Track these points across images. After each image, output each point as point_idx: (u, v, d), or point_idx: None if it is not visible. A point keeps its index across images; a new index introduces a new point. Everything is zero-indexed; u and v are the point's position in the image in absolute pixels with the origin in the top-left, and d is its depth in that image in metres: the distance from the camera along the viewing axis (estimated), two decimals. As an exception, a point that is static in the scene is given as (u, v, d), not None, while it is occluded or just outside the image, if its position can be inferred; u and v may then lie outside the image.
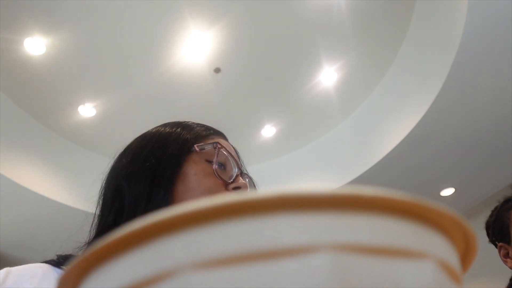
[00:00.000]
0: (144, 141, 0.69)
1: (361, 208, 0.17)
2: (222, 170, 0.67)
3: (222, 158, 0.67)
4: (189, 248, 0.16)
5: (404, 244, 0.17)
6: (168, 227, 0.17)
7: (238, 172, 0.68)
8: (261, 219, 0.16)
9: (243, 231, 0.16)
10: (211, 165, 0.66)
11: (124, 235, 0.17)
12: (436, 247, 0.18)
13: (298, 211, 0.16)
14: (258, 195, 0.16)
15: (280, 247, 0.16)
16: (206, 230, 0.16)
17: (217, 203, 0.16)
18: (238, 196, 0.16)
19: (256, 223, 0.16)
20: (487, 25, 2.76)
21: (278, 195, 0.16)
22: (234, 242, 0.16)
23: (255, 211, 0.16)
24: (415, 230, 0.18)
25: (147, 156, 0.66)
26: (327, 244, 0.16)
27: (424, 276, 0.17)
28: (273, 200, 0.16)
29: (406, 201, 0.17)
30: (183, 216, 0.16)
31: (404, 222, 0.17)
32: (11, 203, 3.75)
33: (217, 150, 0.67)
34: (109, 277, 0.18)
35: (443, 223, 0.19)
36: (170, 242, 0.17)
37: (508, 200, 1.29)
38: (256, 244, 0.16)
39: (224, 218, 0.16)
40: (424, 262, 0.17)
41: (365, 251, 0.16)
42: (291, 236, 0.16)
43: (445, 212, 0.18)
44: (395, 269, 0.16)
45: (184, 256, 0.16)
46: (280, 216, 0.16)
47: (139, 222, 0.17)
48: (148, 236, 0.17)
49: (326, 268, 0.15)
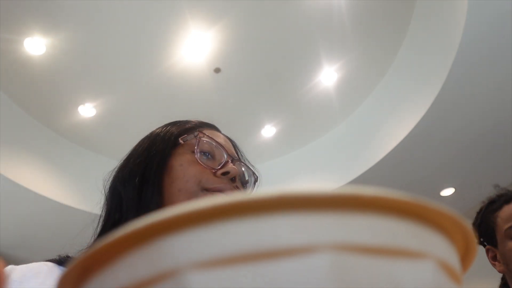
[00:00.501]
0: (138, 143, 0.71)
1: (361, 208, 0.17)
2: (209, 159, 0.67)
3: (205, 146, 0.67)
4: (189, 248, 0.16)
5: (404, 244, 0.17)
6: (168, 227, 0.17)
7: (228, 158, 0.67)
8: (261, 219, 0.16)
9: (243, 231, 0.16)
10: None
11: (124, 235, 0.17)
12: (436, 247, 0.18)
13: (298, 211, 0.16)
14: (258, 195, 0.16)
15: (280, 247, 0.16)
16: (206, 230, 0.16)
17: (217, 203, 0.16)
18: (238, 196, 0.16)
19: (256, 223, 0.16)
20: (487, 25, 2.76)
21: (278, 195, 0.16)
22: (234, 242, 0.16)
23: (255, 211, 0.16)
24: (415, 230, 0.18)
25: (137, 156, 0.67)
26: (327, 244, 0.16)
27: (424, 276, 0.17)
28: (273, 200, 0.16)
29: (406, 201, 0.17)
30: (183, 216, 0.16)
31: (404, 222, 0.17)
32: (11, 203, 3.75)
33: (198, 138, 0.68)
34: (109, 277, 0.18)
35: (443, 223, 0.19)
36: (170, 242, 0.17)
37: (492, 201, 1.26)
38: (256, 244, 0.16)
39: (224, 218, 0.16)
40: (424, 262, 0.17)
41: (365, 251, 0.16)
42: (291, 236, 0.16)
43: (445, 212, 0.18)
44: (395, 269, 0.16)
45: (184, 256, 0.16)
46: (280, 216, 0.16)
47: (139, 222, 0.17)
48: (148, 236, 0.17)
49: (326, 268, 0.15)
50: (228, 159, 0.67)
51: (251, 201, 0.16)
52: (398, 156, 3.78)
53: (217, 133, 0.74)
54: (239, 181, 0.69)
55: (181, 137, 0.69)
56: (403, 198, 0.17)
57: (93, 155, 4.28)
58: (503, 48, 2.89)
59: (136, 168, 0.66)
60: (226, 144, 0.72)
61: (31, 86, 3.74)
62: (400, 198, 0.17)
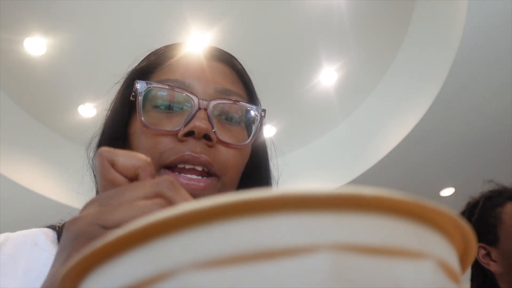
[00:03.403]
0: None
1: (361, 208, 0.17)
2: (170, 113, 0.48)
3: (161, 97, 0.48)
4: (189, 248, 0.16)
5: (404, 244, 0.17)
6: (167, 227, 0.17)
7: (199, 104, 0.47)
8: (261, 219, 0.16)
9: (243, 231, 0.16)
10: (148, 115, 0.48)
11: (124, 235, 0.17)
12: (435, 247, 0.18)
13: (298, 211, 0.16)
14: (258, 195, 0.16)
15: (280, 247, 0.16)
16: (206, 230, 0.16)
17: (217, 203, 0.16)
18: (238, 196, 0.16)
19: (256, 223, 0.16)
20: (487, 26, 2.76)
21: (278, 195, 0.16)
22: (234, 242, 0.16)
23: (255, 211, 0.16)
24: (415, 230, 0.18)
25: (103, 126, 0.57)
26: (327, 244, 0.16)
27: (423, 276, 0.17)
28: (273, 200, 0.16)
29: (406, 201, 0.17)
30: (183, 216, 0.17)
31: (404, 222, 0.17)
32: (11, 203, 3.75)
33: (141, 90, 0.48)
34: (109, 277, 0.18)
35: (442, 223, 0.19)
36: (170, 242, 0.17)
37: (489, 196, 1.21)
38: (256, 244, 0.16)
39: (224, 218, 0.16)
40: (423, 262, 0.17)
41: (365, 251, 0.16)
42: (291, 236, 0.16)
43: (444, 212, 0.18)
44: (394, 269, 0.16)
45: (184, 256, 0.16)
46: (280, 216, 0.16)
47: (139, 222, 0.17)
48: (148, 236, 0.17)
49: (326, 268, 0.15)
50: (200, 105, 0.47)
51: (251, 201, 0.16)
52: (398, 156, 3.78)
53: (190, 61, 0.52)
54: (225, 132, 0.49)
55: (133, 91, 0.50)
56: (403, 198, 0.17)
57: (93, 155, 4.28)
58: (503, 48, 2.88)
59: (98, 142, 0.56)
60: (204, 75, 0.51)
61: (31, 86, 3.74)
62: (400, 198, 0.17)
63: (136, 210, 0.26)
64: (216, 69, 0.53)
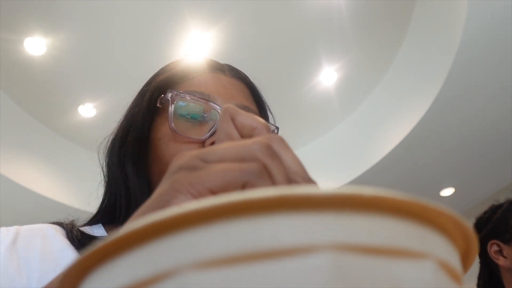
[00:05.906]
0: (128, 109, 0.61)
1: (361, 208, 0.17)
2: (197, 123, 0.51)
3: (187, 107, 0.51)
4: (189, 248, 0.16)
5: (404, 244, 0.17)
6: (168, 227, 0.17)
7: None
8: (261, 219, 0.16)
9: (243, 231, 0.16)
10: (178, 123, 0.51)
11: (124, 235, 0.17)
12: (436, 247, 0.18)
13: (298, 211, 0.16)
14: (258, 195, 0.16)
15: (280, 247, 0.16)
16: (206, 230, 0.16)
17: (217, 203, 0.16)
18: (238, 196, 0.16)
19: (256, 223, 0.16)
20: (487, 25, 2.76)
21: (278, 195, 0.16)
22: (234, 242, 0.16)
23: (255, 211, 0.16)
24: (415, 230, 0.18)
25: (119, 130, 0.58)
26: (327, 244, 0.16)
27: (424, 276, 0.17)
28: (273, 200, 0.16)
29: (406, 201, 0.17)
30: (183, 216, 0.16)
31: (404, 222, 0.17)
32: (11, 203, 3.75)
33: (172, 99, 0.51)
34: (109, 277, 0.18)
35: (443, 223, 0.19)
36: (170, 242, 0.17)
37: None
38: (256, 244, 0.16)
39: (224, 218, 0.16)
40: (424, 262, 0.17)
41: (365, 251, 0.16)
42: (291, 236, 0.16)
43: (445, 212, 0.18)
44: (395, 269, 0.16)
45: (184, 256, 0.16)
46: (280, 216, 0.16)
47: (139, 222, 0.17)
48: (148, 236, 0.17)
49: (326, 268, 0.15)
50: None
51: (251, 201, 0.16)
52: (398, 156, 3.78)
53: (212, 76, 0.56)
54: None
55: (160, 98, 0.53)
56: (403, 198, 0.17)
57: (93, 155, 4.28)
58: (503, 47, 2.89)
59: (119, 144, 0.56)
60: (226, 90, 0.54)
61: (31, 86, 3.74)
62: (400, 198, 0.17)
63: (236, 150, 0.26)
64: (234, 85, 0.57)
